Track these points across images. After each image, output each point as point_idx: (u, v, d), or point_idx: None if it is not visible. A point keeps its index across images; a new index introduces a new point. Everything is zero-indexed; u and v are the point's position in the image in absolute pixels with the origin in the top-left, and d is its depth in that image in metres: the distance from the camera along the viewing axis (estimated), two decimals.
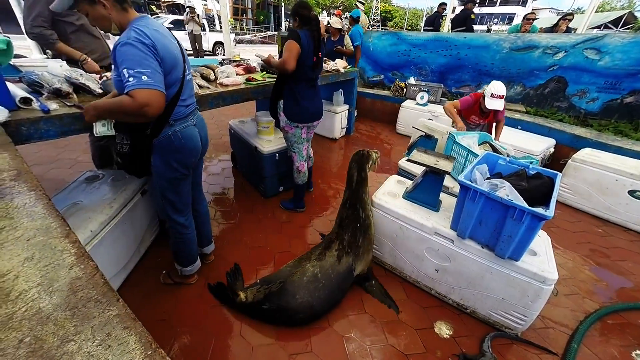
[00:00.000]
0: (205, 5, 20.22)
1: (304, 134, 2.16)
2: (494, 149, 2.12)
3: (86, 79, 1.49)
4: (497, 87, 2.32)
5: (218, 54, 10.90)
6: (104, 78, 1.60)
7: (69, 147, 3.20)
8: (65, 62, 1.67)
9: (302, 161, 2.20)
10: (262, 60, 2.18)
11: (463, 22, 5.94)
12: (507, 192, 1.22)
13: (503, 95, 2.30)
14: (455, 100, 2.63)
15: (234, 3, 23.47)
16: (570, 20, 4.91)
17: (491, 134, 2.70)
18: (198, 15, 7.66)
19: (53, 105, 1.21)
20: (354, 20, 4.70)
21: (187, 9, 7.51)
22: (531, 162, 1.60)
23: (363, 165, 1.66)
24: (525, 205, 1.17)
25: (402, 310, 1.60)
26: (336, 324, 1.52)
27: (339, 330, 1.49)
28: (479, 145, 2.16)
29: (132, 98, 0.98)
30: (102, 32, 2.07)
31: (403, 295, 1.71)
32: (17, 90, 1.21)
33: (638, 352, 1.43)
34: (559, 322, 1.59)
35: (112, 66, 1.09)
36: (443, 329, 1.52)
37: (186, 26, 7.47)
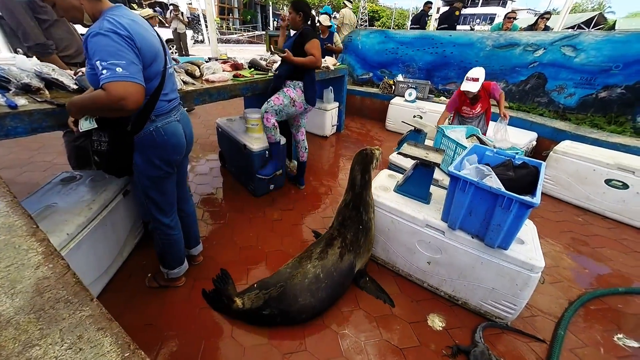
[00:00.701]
0: (190, 4, 19.72)
1: (302, 118, 2.45)
2: (481, 142, 2.16)
3: (59, 74, 1.40)
4: (472, 71, 2.42)
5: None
6: (79, 73, 1.51)
7: (43, 149, 3.02)
8: (35, 57, 1.57)
9: (274, 114, 2.21)
10: (281, 56, 2.17)
11: (446, 19, 6.09)
12: (493, 182, 1.24)
13: (477, 78, 2.38)
14: (444, 111, 2.68)
15: (219, 2, 23.05)
16: (547, 18, 5.11)
17: (487, 125, 2.75)
18: (182, 13, 7.45)
19: (21, 101, 1.13)
20: (323, 13, 4.55)
21: (171, 7, 7.29)
22: (517, 153, 1.64)
23: (367, 167, 1.60)
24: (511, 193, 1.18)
25: (395, 305, 1.60)
26: (330, 321, 1.50)
27: (334, 328, 1.47)
28: (466, 138, 2.21)
29: (106, 92, 0.91)
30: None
31: (396, 289, 1.71)
32: None
33: (619, 335, 1.49)
34: (545, 310, 1.63)
35: (86, 60, 1.02)
36: (436, 322, 1.53)
37: (170, 24, 7.25)
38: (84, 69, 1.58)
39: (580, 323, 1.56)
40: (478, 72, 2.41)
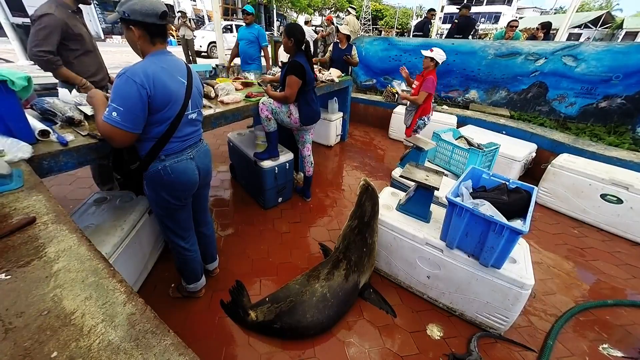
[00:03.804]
0: (195, 5, 19.99)
1: (307, 134, 2.54)
2: (469, 142, 2.48)
3: None
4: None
5: (214, 56, 10.81)
6: None
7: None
8: (75, 88, 1.72)
9: (269, 110, 2.30)
10: (263, 88, 2.36)
11: (421, 28, 6.53)
12: (487, 208, 1.37)
13: (432, 49, 2.83)
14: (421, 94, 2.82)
15: (224, 3, 23.21)
16: (539, 29, 5.16)
17: (413, 122, 2.94)
18: (190, 19, 7.65)
19: (70, 137, 1.28)
20: (247, 14, 4.07)
21: (179, 14, 7.48)
22: (495, 146, 1.81)
23: (376, 200, 1.70)
24: (504, 221, 1.31)
25: (397, 315, 1.74)
26: (337, 330, 1.64)
27: (340, 337, 1.61)
28: (455, 139, 2.57)
29: (100, 126, 1.10)
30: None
31: (398, 300, 1.85)
32: (35, 123, 1.28)
33: (604, 345, 1.61)
34: (537, 321, 1.75)
35: None
36: (434, 331, 1.67)
37: (178, 31, 7.45)
38: None
39: (569, 333, 1.68)
40: (435, 49, 2.76)
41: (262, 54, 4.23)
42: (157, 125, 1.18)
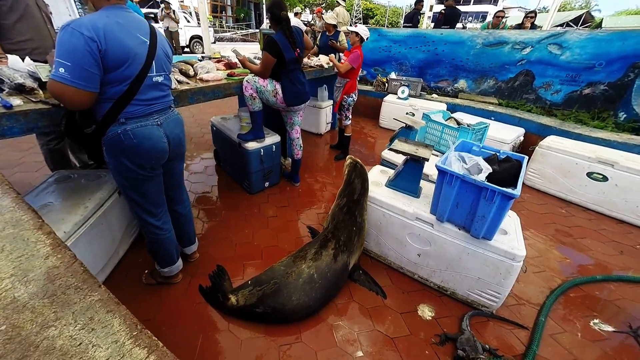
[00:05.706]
0: (182, 2, 19.43)
1: (296, 116, 2.48)
2: (457, 122, 2.46)
3: None
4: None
5: (196, 50, 10.44)
6: None
7: (33, 150, 2.98)
8: (27, 57, 1.56)
9: (254, 88, 2.21)
10: (237, 59, 2.29)
11: (411, 19, 6.49)
12: (478, 164, 1.30)
13: (356, 25, 2.88)
14: (345, 64, 2.88)
15: (212, 0, 22.71)
16: (532, 17, 5.22)
17: (340, 97, 3.07)
18: (174, 11, 7.35)
19: (16, 101, 1.14)
20: None
21: (162, 5, 7.18)
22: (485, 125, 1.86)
23: (365, 177, 1.65)
24: (494, 185, 1.25)
25: (387, 296, 1.66)
26: (325, 313, 1.55)
27: (328, 320, 1.52)
28: (445, 120, 2.54)
29: (48, 86, 0.99)
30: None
31: (388, 281, 1.78)
32: None
33: (595, 321, 1.59)
34: (529, 299, 1.71)
35: None
36: (426, 312, 1.60)
37: (161, 22, 7.14)
38: None
39: (561, 310, 1.65)
40: (360, 25, 2.84)
41: None
42: (114, 85, 1.06)
